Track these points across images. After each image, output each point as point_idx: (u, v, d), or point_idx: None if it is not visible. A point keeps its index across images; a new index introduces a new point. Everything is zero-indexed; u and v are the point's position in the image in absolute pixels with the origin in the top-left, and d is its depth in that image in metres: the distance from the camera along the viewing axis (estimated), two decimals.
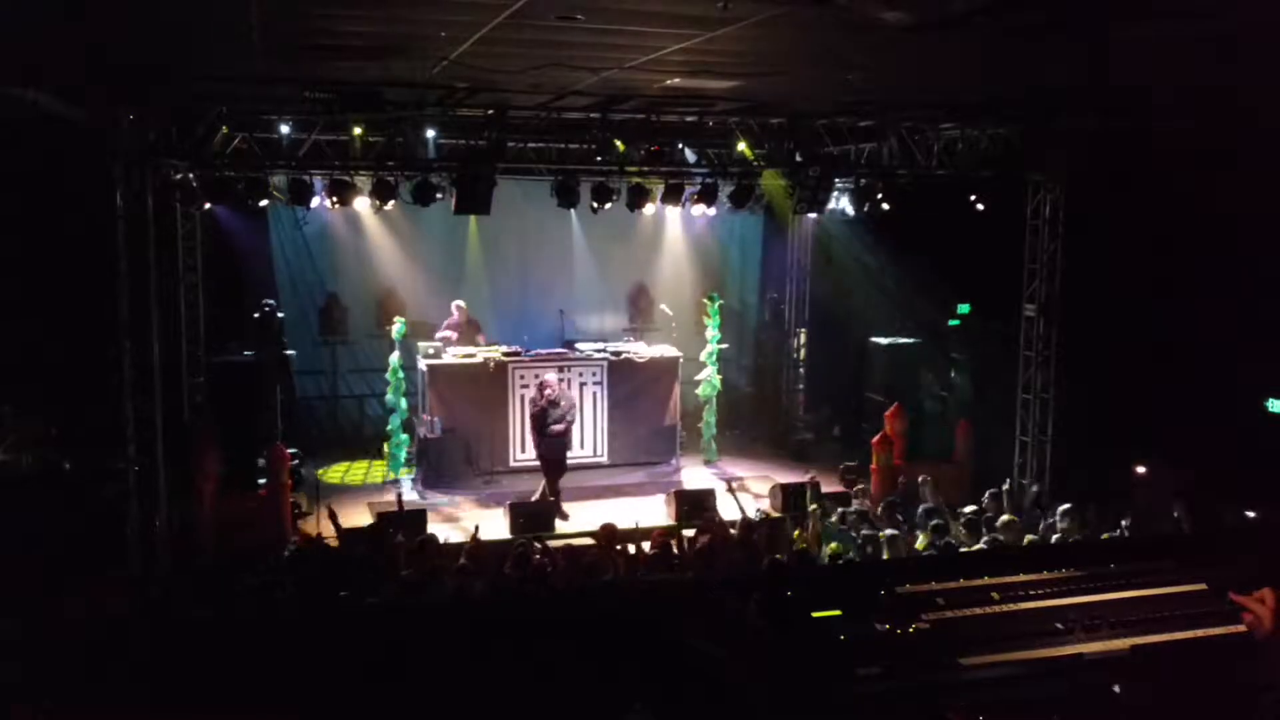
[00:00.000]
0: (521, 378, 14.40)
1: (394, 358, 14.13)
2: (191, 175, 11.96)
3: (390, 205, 12.56)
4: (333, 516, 10.64)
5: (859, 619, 5.17)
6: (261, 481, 12.61)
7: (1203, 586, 5.81)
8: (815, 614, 5.20)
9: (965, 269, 14.37)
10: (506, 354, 14.44)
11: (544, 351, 14.86)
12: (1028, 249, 13.89)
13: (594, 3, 6.93)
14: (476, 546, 10.28)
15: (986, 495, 12.12)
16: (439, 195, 12.17)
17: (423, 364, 14.23)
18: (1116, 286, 12.48)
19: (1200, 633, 5.31)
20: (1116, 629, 5.33)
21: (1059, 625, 5.28)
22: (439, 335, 14.61)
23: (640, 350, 15.25)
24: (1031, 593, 5.72)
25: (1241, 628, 5.11)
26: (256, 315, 13.86)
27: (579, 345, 15.14)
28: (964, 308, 15.41)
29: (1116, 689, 4.70)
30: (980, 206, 13.86)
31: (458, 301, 15.04)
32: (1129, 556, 6.09)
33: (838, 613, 5.18)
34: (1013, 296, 14.09)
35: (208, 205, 12.78)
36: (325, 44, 8.54)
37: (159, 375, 11.27)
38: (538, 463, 13.83)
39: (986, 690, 4.74)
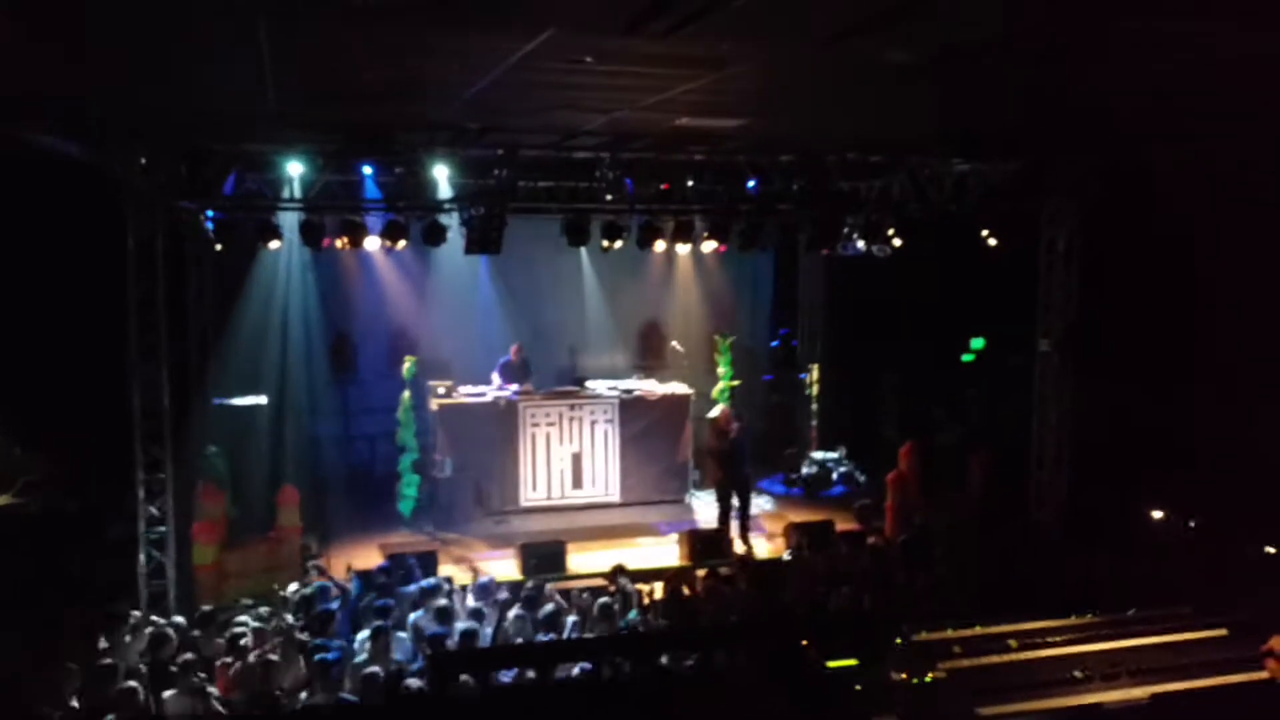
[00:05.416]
0: (532, 416, 14.36)
1: (404, 397, 14.10)
2: (202, 216, 11.99)
3: (401, 245, 12.56)
4: (322, 570, 10.60)
5: (875, 668, 5.09)
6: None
7: (1223, 632, 5.72)
8: (830, 663, 5.13)
9: (979, 304, 14.31)
10: (518, 392, 14.41)
11: (555, 390, 14.82)
12: (1041, 283, 13.81)
13: (603, 46, 6.94)
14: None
15: (1002, 532, 12.02)
16: (449, 235, 12.18)
17: (433, 403, 14.19)
18: (1132, 320, 12.41)
19: (1221, 680, 5.22)
20: (1136, 677, 5.25)
21: (1077, 674, 5.20)
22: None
23: (652, 388, 15.19)
24: (1049, 640, 5.65)
25: (1264, 674, 5.01)
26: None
27: (590, 383, 15.09)
28: (978, 342, 15.35)
29: None
30: (993, 241, 13.83)
31: (514, 344, 15.05)
32: (1147, 602, 6.03)
33: (853, 662, 5.11)
34: (1027, 331, 14.01)
35: (218, 246, 12.79)
36: (336, 90, 8.59)
37: (168, 417, 11.26)
38: (548, 503, 13.95)
39: None
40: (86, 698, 7.92)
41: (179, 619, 10.16)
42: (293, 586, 10.71)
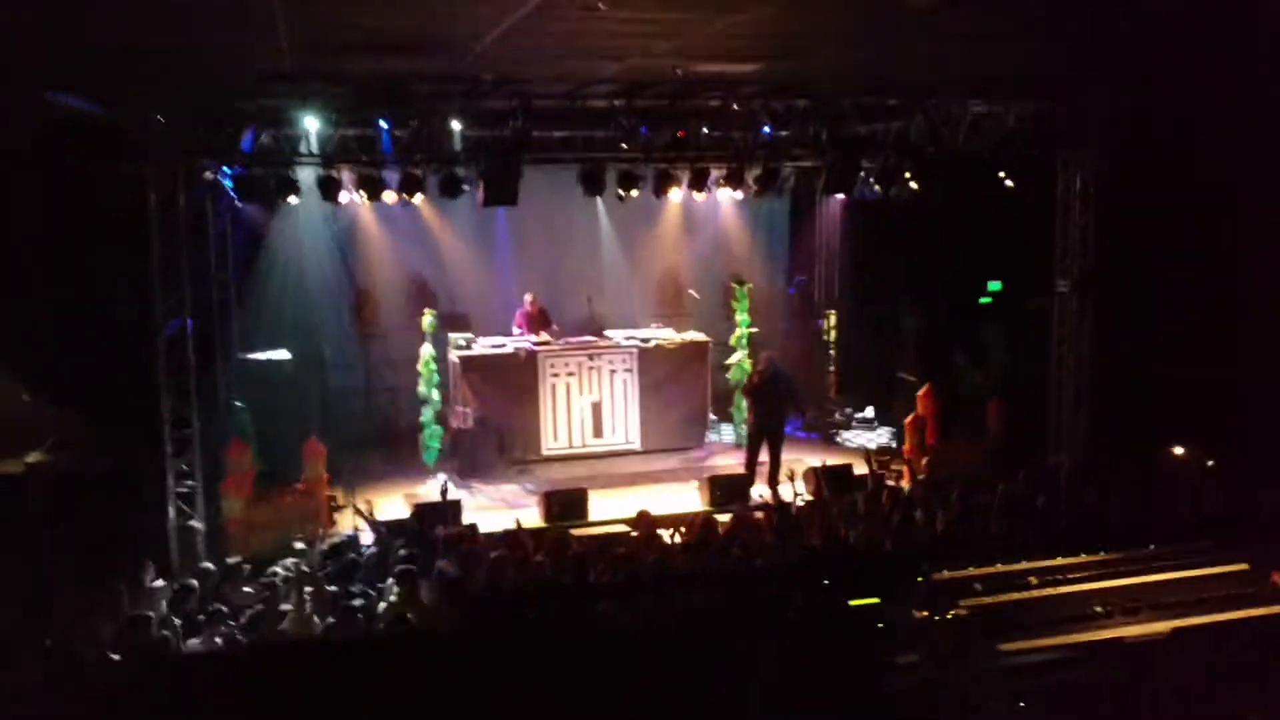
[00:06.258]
0: (552, 366, 14.44)
1: (425, 350, 14.19)
2: (221, 173, 12.03)
3: (418, 198, 12.60)
4: (361, 513, 10.70)
5: (897, 606, 5.18)
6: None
7: (1244, 567, 5.78)
8: (853, 602, 5.22)
9: (996, 246, 14.26)
10: (537, 343, 14.49)
11: (574, 340, 14.88)
12: (1059, 224, 13.75)
13: None
14: (515, 535, 10.33)
15: (1020, 474, 12.05)
16: (466, 187, 12.19)
17: (454, 355, 14.28)
18: (1150, 261, 12.35)
19: (1242, 614, 5.28)
20: (1157, 611, 5.32)
21: (1098, 609, 5.28)
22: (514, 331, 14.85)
23: (670, 336, 15.24)
24: (1069, 576, 5.72)
25: None
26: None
27: (608, 333, 15.15)
28: (995, 285, 15.29)
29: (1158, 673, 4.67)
30: (1010, 183, 13.75)
31: (527, 295, 15.08)
32: (1167, 537, 6.08)
33: (876, 600, 5.19)
34: (1045, 272, 13.96)
35: (238, 203, 12.84)
36: (350, 40, 8.58)
37: (194, 374, 11.38)
38: (569, 451, 14.13)
39: (1026, 677, 4.75)
40: (119, 648, 8.10)
41: (209, 566, 10.36)
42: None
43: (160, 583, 9.60)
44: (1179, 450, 11.52)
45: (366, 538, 11.09)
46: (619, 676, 5.21)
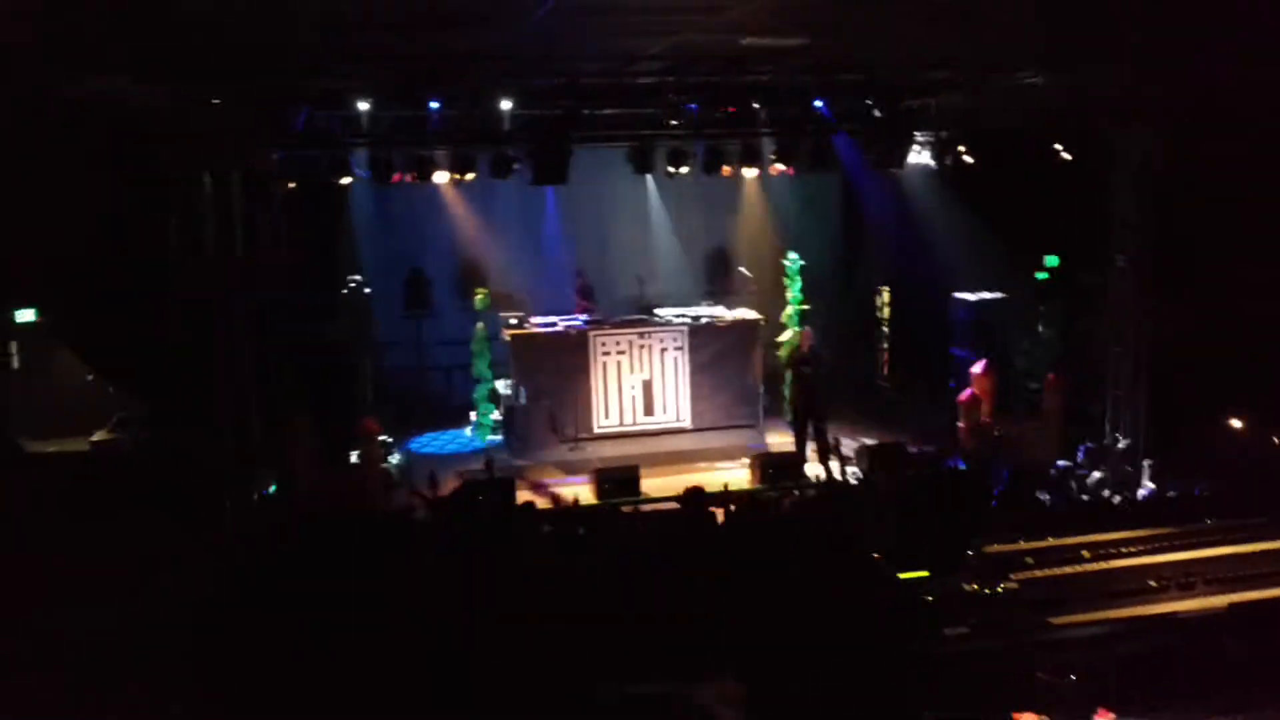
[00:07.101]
0: (603, 345, 14.46)
1: (478, 328, 14.29)
2: (274, 155, 12.17)
3: (469, 177, 12.66)
4: (419, 491, 10.79)
5: (946, 579, 5.15)
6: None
7: None
8: (902, 575, 5.20)
9: (1052, 220, 14.04)
10: (588, 322, 14.53)
11: (625, 318, 14.90)
12: (1115, 198, 13.48)
13: None
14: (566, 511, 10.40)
15: (1080, 451, 11.93)
16: (515, 167, 12.24)
17: (506, 334, 14.37)
18: (1209, 234, 12.09)
19: None
20: (1212, 586, 5.25)
21: (1151, 583, 5.21)
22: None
23: (720, 314, 15.20)
24: (1123, 550, 5.65)
25: None
26: (344, 292, 14.13)
27: (659, 311, 15.13)
28: (1052, 260, 15.06)
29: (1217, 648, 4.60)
30: (1066, 156, 13.52)
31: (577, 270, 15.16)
32: (1223, 512, 5.97)
33: (925, 574, 5.17)
34: (1102, 247, 13.72)
35: (292, 184, 12.99)
36: (399, 17, 8.62)
37: (251, 354, 11.55)
38: (620, 429, 14.19)
39: (1076, 650, 4.70)
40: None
41: None
42: None
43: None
44: (1236, 423, 11.31)
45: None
46: (669, 648, 5.24)
